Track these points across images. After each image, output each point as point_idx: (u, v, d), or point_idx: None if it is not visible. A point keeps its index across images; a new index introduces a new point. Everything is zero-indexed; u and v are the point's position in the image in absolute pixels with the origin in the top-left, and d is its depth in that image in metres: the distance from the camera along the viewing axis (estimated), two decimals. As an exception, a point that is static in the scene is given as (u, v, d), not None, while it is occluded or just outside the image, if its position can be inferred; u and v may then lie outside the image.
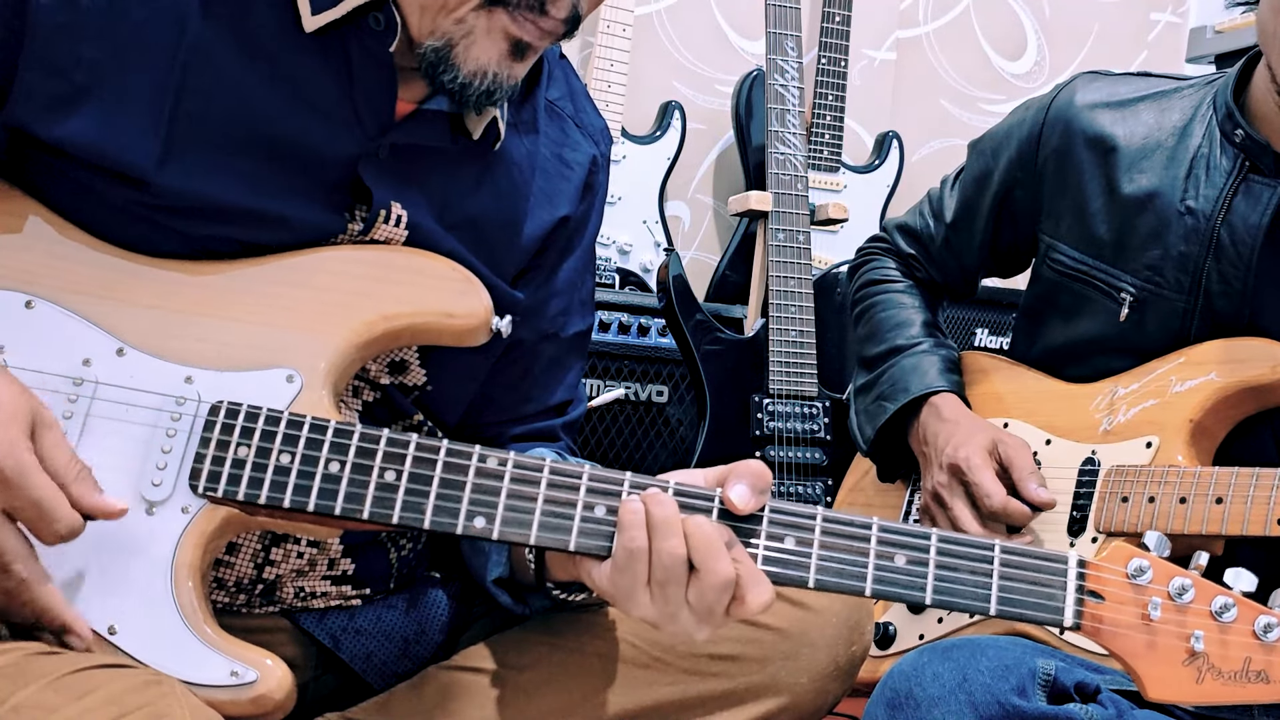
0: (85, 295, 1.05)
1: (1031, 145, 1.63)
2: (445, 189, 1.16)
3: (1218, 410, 1.43)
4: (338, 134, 1.10)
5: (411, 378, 1.18)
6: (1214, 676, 0.97)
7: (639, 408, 2.73)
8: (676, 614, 0.97)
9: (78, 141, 1.04)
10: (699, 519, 0.96)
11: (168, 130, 1.05)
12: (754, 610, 0.96)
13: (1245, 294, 1.44)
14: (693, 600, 0.96)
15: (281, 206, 1.08)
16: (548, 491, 0.99)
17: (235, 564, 1.13)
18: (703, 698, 1.16)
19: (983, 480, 1.51)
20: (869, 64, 3.43)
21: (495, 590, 1.17)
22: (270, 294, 1.07)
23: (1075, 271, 1.58)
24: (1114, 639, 0.98)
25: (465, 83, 1.07)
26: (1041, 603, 0.98)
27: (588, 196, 1.30)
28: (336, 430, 1.00)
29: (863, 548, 0.98)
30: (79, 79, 1.04)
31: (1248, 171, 1.45)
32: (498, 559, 1.16)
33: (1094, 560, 0.99)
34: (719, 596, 0.95)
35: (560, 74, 1.30)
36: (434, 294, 1.10)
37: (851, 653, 1.19)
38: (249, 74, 1.07)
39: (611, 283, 2.98)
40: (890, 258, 1.84)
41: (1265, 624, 0.97)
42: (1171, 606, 0.98)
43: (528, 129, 1.24)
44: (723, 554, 0.95)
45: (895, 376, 1.69)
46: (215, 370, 1.04)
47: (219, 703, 0.97)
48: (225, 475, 1.00)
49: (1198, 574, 0.99)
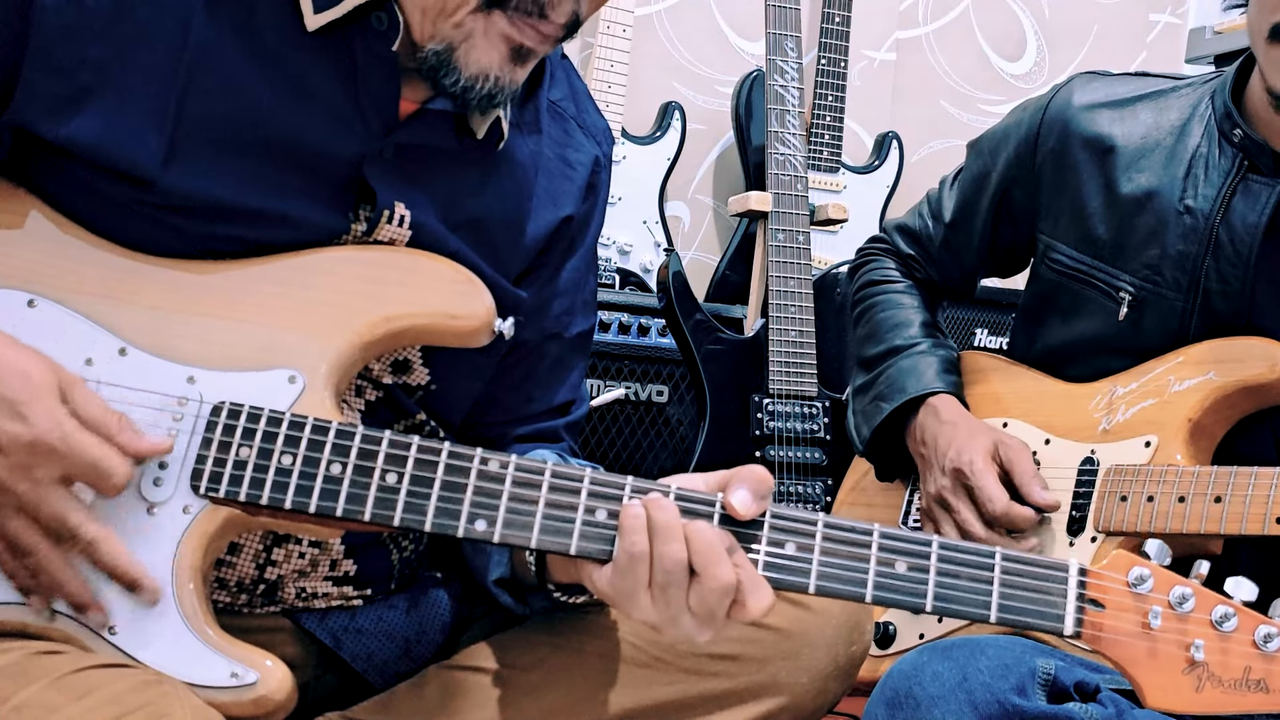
0: (88, 295, 1.05)
1: (1029, 146, 1.63)
2: (450, 189, 1.17)
3: (1216, 409, 1.43)
4: (342, 133, 1.10)
5: (415, 377, 1.19)
6: (1214, 685, 0.97)
7: (639, 408, 2.73)
8: (678, 617, 0.97)
9: (82, 141, 1.04)
10: (700, 524, 0.96)
11: (172, 130, 1.05)
12: (754, 615, 0.96)
13: (1244, 293, 1.44)
14: (694, 604, 0.96)
15: (285, 206, 1.09)
16: (549, 495, 0.99)
17: (237, 564, 1.13)
18: (703, 697, 1.16)
19: (986, 485, 1.51)
20: (869, 64, 3.44)
21: (496, 590, 1.17)
22: (273, 294, 1.07)
23: (1074, 271, 1.58)
24: (1114, 647, 0.98)
25: (467, 86, 1.08)
26: (1042, 610, 0.98)
27: (590, 197, 1.30)
28: (338, 431, 1.00)
29: (864, 554, 0.98)
30: (83, 79, 1.04)
31: (1246, 171, 1.45)
32: (499, 559, 1.16)
33: (1095, 568, 0.99)
34: (720, 601, 0.95)
35: (562, 74, 1.30)
36: (436, 295, 1.10)
37: (851, 652, 1.19)
38: (253, 74, 1.07)
39: (611, 283, 2.98)
40: (890, 258, 1.84)
41: (1266, 633, 0.97)
42: (1172, 615, 0.98)
43: (531, 129, 1.24)
44: (724, 559, 0.95)
45: (893, 377, 1.69)
46: (217, 371, 1.04)
47: (220, 704, 0.97)
48: (227, 476, 1.00)
49: (1198, 583, 0.99)
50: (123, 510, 0.99)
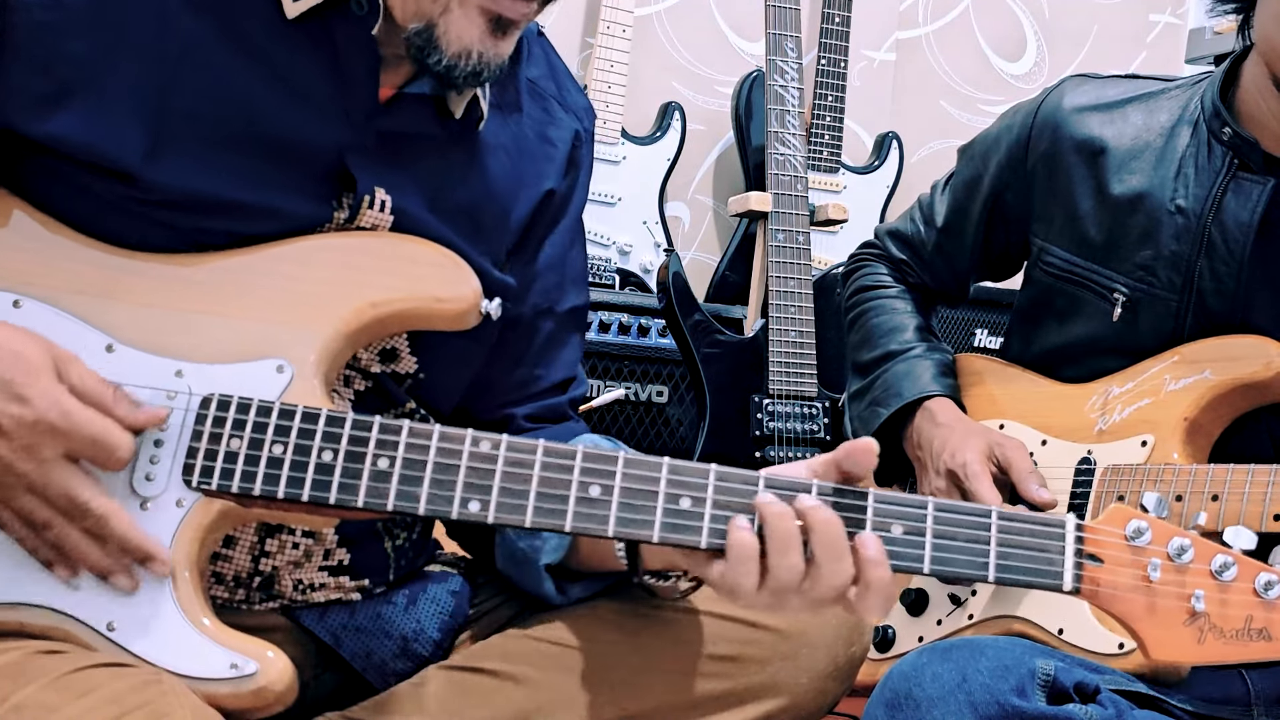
0: (73, 293, 1.04)
1: (1020, 149, 1.63)
2: (436, 175, 1.16)
3: (1212, 408, 1.44)
4: (325, 122, 1.10)
5: (403, 365, 1.18)
6: (1215, 636, 0.95)
7: (639, 408, 2.73)
8: (784, 603, 0.96)
9: (65, 138, 1.04)
10: (827, 514, 0.95)
11: (155, 124, 1.05)
12: (871, 609, 0.96)
13: (1237, 291, 1.44)
14: (808, 590, 0.96)
15: (270, 198, 1.08)
16: (542, 473, 0.98)
17: (233, 558, 1.13)
18: (703, 698, 1.15)
19: (980, 489, 1.50)
20: (869, 65, 3.44)
21: (542, 575, 1.16)
22: (258, 286, 1.07)
23: (1067, 273, 1.58)
24: (1114, 602, 0.96)
25: (451, 64, 1.07)
26: (1040, 568, 0.97)
27: (572, 172, 1.29)
28: (329, 419, 1.00)
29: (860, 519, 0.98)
30: (65, 75, 1.04)
31: (1237, 169, 1.46)
32: (558, 544, 1.16)
33: (1092, 524, 0.98)
34: (834, 594, 0.95)
35: (540, 52, 1.30)
36: (421, 279, 1.09)
37: (851, 653, 1.19)
38: (236, 65, 1.07)
39: (611, 283, 2.98)
40: (883, 263, 1.85)
41: (1266, 581, 0.96)
42: (1171, 567, 0.96)
43: (511, 109, 1.24)
44: (845, 555, 0.95)
45: (889, 381, 1.69)
46: (205, 363, 1.03)
47: (220, 696, 0.96)
48: (218, 468, 0.99)
49: (1197, 534, 0.97)
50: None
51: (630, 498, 0.98)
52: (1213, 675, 1.39)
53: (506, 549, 1.22)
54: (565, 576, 1.18)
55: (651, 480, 0.98)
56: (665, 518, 0.97)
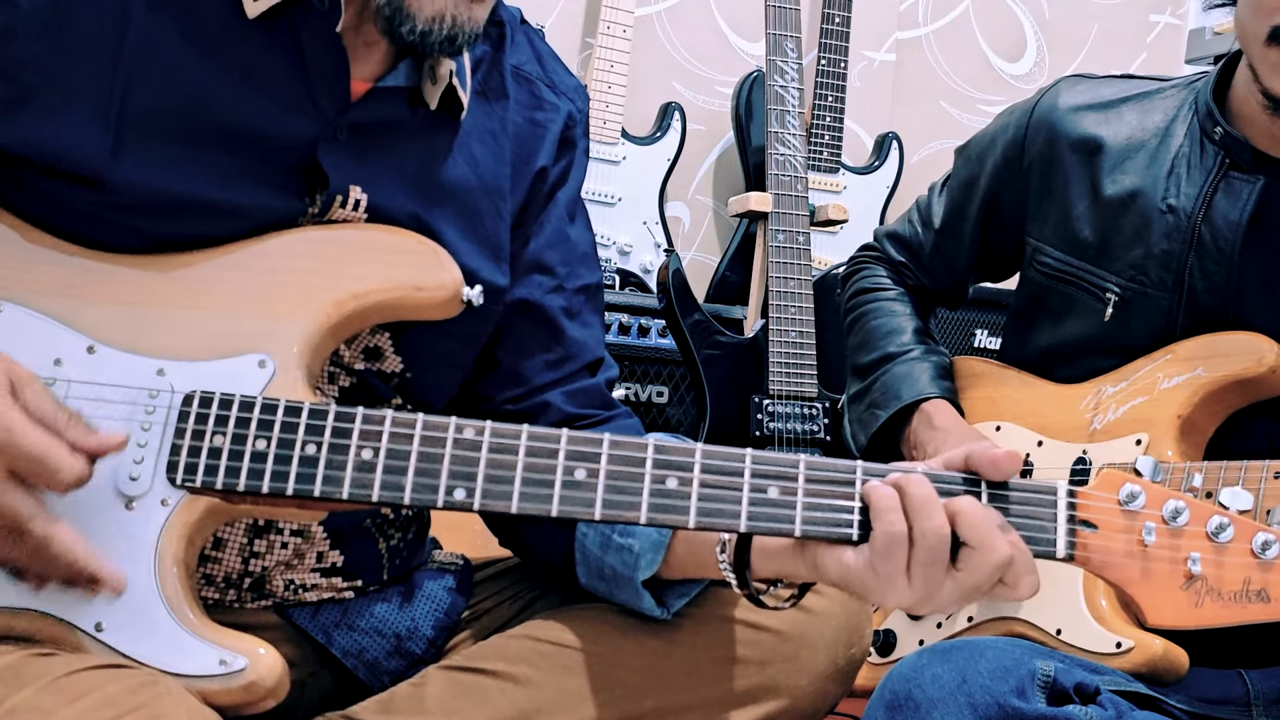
0: (52, 296, 1.04)
1: (1016, 150, 1.63)
2: (418, 164, 1.16)
3: (1206, 405, 1.44)
4: (292, 118, 1.10)
5: (388, 365, 1.18)
6: (1213, 599, 0.93)
7: (639, 408, 2.73)
8: (933, 595, 0.94)
9: (27, 143, 1.03)
10: (966, 499, 0.94)
11: (117, 126, 1.05)
12: (1022, 597, 0.94)
13: (1228, 289, 1.45)
14: (960, 578, 0.93)
15: (238, 195, 1.08)
16: (526, 458, 0.97)
17: (223, 559, 1.13)
18: (703, 699, 1.15)
19: None
20: (869, 65, 3.44)
21: (640, 592, 1.13)
22: (238, 281, 1.06)
23: (1061, 273, 1.59)
24: (1109, 568, 0.94)
25: (425, 31, 1.07)
26: (1032, 535, 0.95)
27: (566, 151, 1.28)
28: (311, 411, 0.99)
29: (846, 492, 0.97)
30: (24, 80, 1.03)
31: (1228, 168, 1.46)
32: (652, 557, 1.12)
33: (1084, 489, 0.96)
34: (991, 575, 0.93)
35: (523, 38, 1.29)
36: (401, 269, 1.09)
37: (850, 654, 1.19)
38: (197, 64, 1.07)
39: (611, 283, 2.98)
40: (881, 266, 1.85)
41: (1263, 541, 0.94)
42: (1166, 530, 0.94)
43: (497, 95, 1.23)
44: (998, 532, 0.93)
45: (887, 384, 1.70)
46: (187, 361, 1.03)
47: (210, 693, 0.96)
48: (202, 465, 0.99)
49: (1191, 496, 0.96)
50: (100, 507, 0.99)
51: (616, 479, 0.97)
52: (1212, 675, 1.39)
53: (593, 566, 1.19)
54: (660, 586, 1.15)
55: (637, 461, 0.97)
56: (652, 498, 0.97)
